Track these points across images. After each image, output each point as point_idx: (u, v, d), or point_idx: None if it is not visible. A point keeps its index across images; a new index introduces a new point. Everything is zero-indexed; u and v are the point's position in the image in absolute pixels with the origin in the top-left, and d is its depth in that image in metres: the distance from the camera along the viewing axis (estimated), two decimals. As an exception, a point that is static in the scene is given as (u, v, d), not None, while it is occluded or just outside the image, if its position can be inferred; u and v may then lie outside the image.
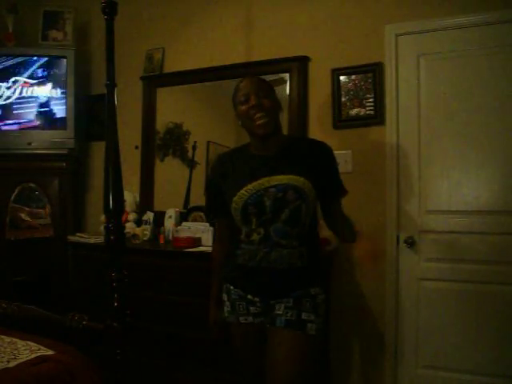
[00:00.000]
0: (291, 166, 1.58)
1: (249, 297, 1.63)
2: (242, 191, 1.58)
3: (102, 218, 2.78)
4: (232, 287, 1.67)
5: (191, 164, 3.03)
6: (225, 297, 1.71)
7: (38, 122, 3.08)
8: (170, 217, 2.84)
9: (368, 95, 2.53)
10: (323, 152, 1.66)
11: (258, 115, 1.56)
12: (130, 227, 2.87)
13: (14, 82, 3.08)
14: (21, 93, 3.08)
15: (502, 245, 2.27)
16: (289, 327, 1.57)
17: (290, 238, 1.56)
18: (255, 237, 1.58)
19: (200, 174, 2.96)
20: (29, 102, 3.09)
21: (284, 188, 1.55)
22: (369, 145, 2.54)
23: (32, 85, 3.08)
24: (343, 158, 2.55)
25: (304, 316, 1.57)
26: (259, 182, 1.57)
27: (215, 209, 1.77)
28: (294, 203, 1.54)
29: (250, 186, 1.57)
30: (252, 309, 1.63)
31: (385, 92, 2.50)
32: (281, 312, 1.58)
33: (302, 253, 1.58)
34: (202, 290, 2.36)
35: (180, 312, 2.42)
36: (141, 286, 2.43)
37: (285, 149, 1.63)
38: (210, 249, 2.51)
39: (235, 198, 1.59)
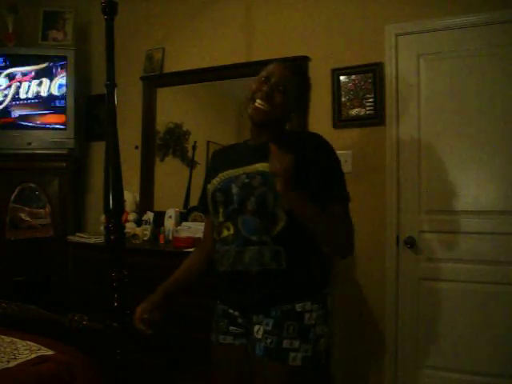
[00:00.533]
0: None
1: (230, 311, 1.43)
2: (217, 178, 1.43)
3: (102, 218, 2.78)
4: (218, 301, 1.49)
5: (191, 164, 3.03)
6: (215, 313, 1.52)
7: (37, 122, 3.08)
8: (170, 217, 2.84)
9: (368, 95, 2.53)
10: (318, 145, 1.40)
11: (259, 101, 1.38)
12: (130, 227, 2.87)
13: (11, 78, 3.08)
14: (18, 92, 3.08)
15: (502, 245, 2.26)
16: (267, 356, 1.31)
17: (260, 233, 1.32)
18: (225, 233, 1.37)
19: (200, 174, 2.96)
20: (28, 102, 3.09)
21: (253, 174, 1.35)
22: (369, 145, 2.54)
23: (31, 85, 3.08)
24: (343, 158, 2.54)
25: (285, 344, 1.29)
26: (236, 169, 1.40)
27: (203, 200, 1.57)
28: (258, 190, 1.32)
29: (224, 173, 1.42)
30: (232, 329, 1.42)
31: (385, 92, 2.50)
32: (260, 337, 1.33)
33: (277, 251, 1.31)
34: (201, 290, 2.37)
35: (180, 312, 2.42)
36: (141, 286, 2.43)
37: (276, 139, 1.37)
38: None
39: (209, 186, 1.46)
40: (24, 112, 3.08)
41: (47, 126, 3.08)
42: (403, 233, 2.46)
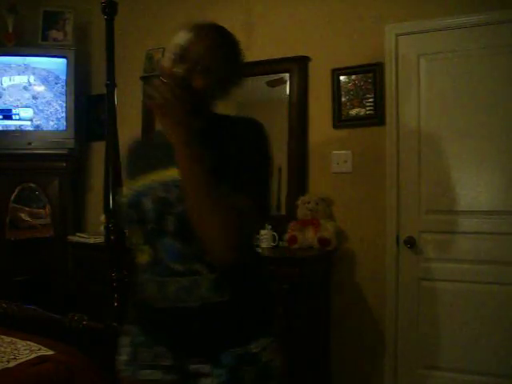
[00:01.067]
0: None
1: (159, 349, 1.09)
2: (128, 189, 1.13)
3: (102, 217, 2.78)
4: (136, 329, 1.13)
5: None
6: (125, 340, 1.14)
7: (38, 122, 3.08)
8: (170, 217, 2.83)
9: (368, 95, 2.53)
10: (244, 132, 1.08)
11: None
12: (130, 227, 2.86)
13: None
14: (19, 92, 3.08)
15: (502, 245, 2.26)
16: None
17: (188, 261, 1.03)
18: (143, 258, 1.09)
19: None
20: (29, 102, 3.09)
21: (169, 183, 1.03)
22: (369, 145, 2.54)
23: (32, 85, 3.08)
24: (343, 158, 2.56)
25: None
26: (150, 176, 1.08)
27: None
28: (178, 207, 1.00)
29: (137, 184, 1.10)
30: (161, 361, 1.09)
31: (385, 92, 2.49)
32: None
33: (216, 281, 1.02)
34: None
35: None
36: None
37: (202, 131, 1.05)
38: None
39: (120, 199, 1.16)
40: (24, 112, 3.08)
41: (47, 125, 3.08)
42: (403, 233, 2.46)
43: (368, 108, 2.53)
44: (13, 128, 3.06)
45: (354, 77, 2.56)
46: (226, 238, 0.96)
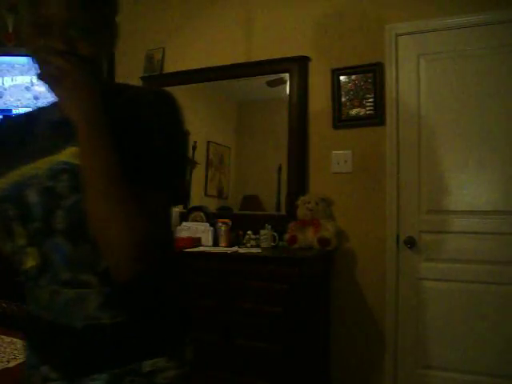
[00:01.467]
0: None
1: (42, 369, 0.88)
2: (2, 179, 0.88)
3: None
4: (28, 349, 0.95)
5: (191, 164, 3.03)
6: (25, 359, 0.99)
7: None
8: (170, 217, 2.83)
9: (368, 95, 2.53)
10: (154, 106, 0.89)
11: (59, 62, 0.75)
12: (130, 227, 2.86)
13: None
14: (21, 92, 3.09)
15: (502, 245, 2.27)
16: None
17: (77, 268, 0.82)
18: (29, 264, 0.88)
19: (200, 174, 2.96)
20: (29, 102, 3.09)
21: (58, 170, 0.82)
22: (369, 145, 2.54)
23: (34, 85, 3.09)
24: (343, 158, 2.56)
25: None
26: (33, 163, 0.86)
27: None
28: (69, 199, 0.80)
29: (15, 172, 0.87)
30: None
31: (385, 92, 2.50)
32: None
33: (109, 297, 0.83)
34: (200, 290, 2.36)
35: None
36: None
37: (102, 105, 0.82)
38: (209, 249, 2.52)
39: None
40: (24, 112, 3.09)
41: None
42: (403, 233, 2.46)
43: (368, 108, 2.53)
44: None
45: (353, 77, 2.56)
46: (133, 240, 0.76)
